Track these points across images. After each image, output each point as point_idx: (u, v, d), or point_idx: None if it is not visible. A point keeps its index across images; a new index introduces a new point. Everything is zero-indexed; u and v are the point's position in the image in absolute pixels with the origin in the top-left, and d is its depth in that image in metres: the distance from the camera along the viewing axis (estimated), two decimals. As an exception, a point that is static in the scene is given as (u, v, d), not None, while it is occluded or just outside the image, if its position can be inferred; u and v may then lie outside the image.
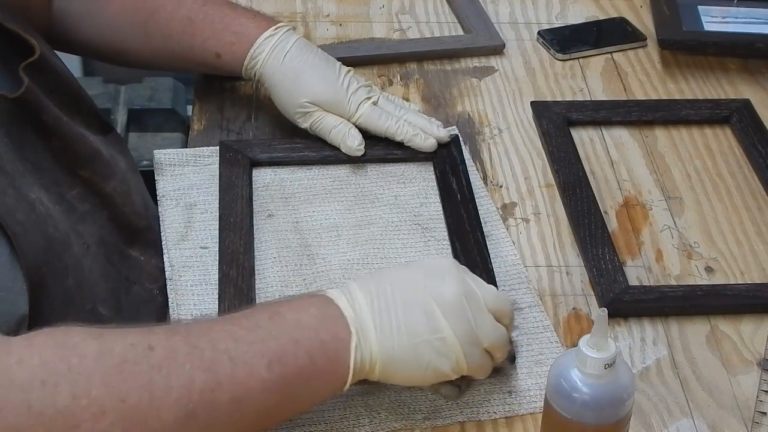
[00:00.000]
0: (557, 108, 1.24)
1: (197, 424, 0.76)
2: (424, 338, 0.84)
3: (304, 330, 0.81)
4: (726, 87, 1.31)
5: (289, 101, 1.13)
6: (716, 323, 1.00)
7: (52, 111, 0.99)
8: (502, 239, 1.07)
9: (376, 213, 1.10)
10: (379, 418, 0.90)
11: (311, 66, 1.13)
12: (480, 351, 0.86)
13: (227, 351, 0.78)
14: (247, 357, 0.78)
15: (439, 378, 0.86)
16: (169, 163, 1.15)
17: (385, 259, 1.05)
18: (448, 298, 0.84)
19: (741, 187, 1.16)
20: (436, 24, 1.41)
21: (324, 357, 0.82)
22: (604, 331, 0.78)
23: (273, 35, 1.14)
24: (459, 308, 0.84)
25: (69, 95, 1.06)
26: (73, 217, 0.98)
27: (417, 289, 0.85)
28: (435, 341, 0.84)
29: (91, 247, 0.98)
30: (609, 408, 0.80)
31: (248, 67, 1.14)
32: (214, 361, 0.77)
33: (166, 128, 2.25)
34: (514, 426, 0.91)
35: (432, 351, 0.84)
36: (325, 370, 0.82)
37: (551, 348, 0.97)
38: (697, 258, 1.07)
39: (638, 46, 1.38)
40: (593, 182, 1.15)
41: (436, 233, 1.08)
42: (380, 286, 0.85)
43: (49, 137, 0.98)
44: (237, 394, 0.77)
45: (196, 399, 0.76)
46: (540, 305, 1.01)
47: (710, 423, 0.91)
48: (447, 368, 0.85)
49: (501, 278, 1.02)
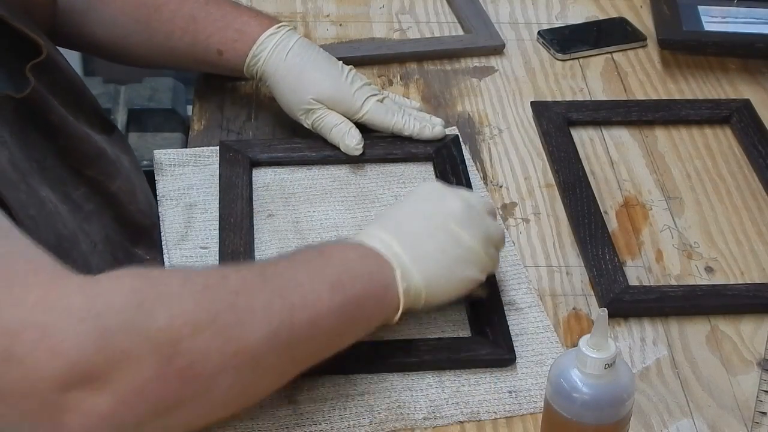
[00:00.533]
0: (557, 108, 1.24)
1: (280, 344, 0.81)
2: (453, 254, 0.91)
3: (352, 264, 0.88)
4: (726, 87, 1.31)
5: (293, 98, 1.13)
6: (716, 323, 1.00)
7: (58, 110, 0.99)
8: (503, 239, 1.08)
9: (376, 213, 1.10)
10: (380, 418, 0.90)
11: (314, 63, 1.13)
12: (494, 248, 0.95)
13: (294, 278, 0.83)
14: (314, 284, 0.84)
15: (473, 284, 0.94)
16: (169, 163, 1.15)
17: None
18: (458, 213, 0.93)
19: (741, 187, 1.16)
20: (436, 24, 1.41)
21: (376, 285, 0.88)
22: (604, 331, 0.78)
23: (275, 33, 1.14)
24: (468, 218, 0.93)
25: (74, 95, 1.06)
26: (79, 216, 0.98)
27: (428, 215, 0.93)
28: (462, 253, 0.92)
29: (98, 246, 0.99)
30: (609, 408, 0.80)
31: (250, 65, 1.14)
32: (284, 288, 0.82)
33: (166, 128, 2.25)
34: (514, 426, 0.91)
35: (463, 263, 0.92)
36: (379, 297, 0.89)
37: (551, 348, 0.97)
38: (697, 258, 1.07)
39: (638, 46, 1.38)
40: (593, 182, 1.15)
41: (436, 233, 1.08)
42: (396, 224, 0.92)
43: (55, 137, 0.98)
44: (311, 315, 0.82)
45: (277, 320, 0.80)
46: (540, 305, 1.01)
47: (710, 423, 0.91)
48: (477, 273, 0.93)
49: (501, 278, 1.02)
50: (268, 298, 0.81)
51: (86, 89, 1.10)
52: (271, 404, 0.91)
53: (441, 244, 0.91)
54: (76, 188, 0.99)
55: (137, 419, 0.75)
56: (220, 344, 0.77)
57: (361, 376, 0.94)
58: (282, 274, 0.83)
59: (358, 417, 0.90)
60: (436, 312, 0.98)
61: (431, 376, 0.94)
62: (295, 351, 0.83)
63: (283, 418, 0.90)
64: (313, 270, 0.85)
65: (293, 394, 0.92)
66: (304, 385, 0.92)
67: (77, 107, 1.05)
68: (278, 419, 0.90)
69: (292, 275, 0.84)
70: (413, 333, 0.97)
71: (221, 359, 0.77)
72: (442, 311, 0.99)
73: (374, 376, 0.94)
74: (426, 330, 0.98)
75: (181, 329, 0.75)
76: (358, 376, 0.94)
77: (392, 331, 0.96)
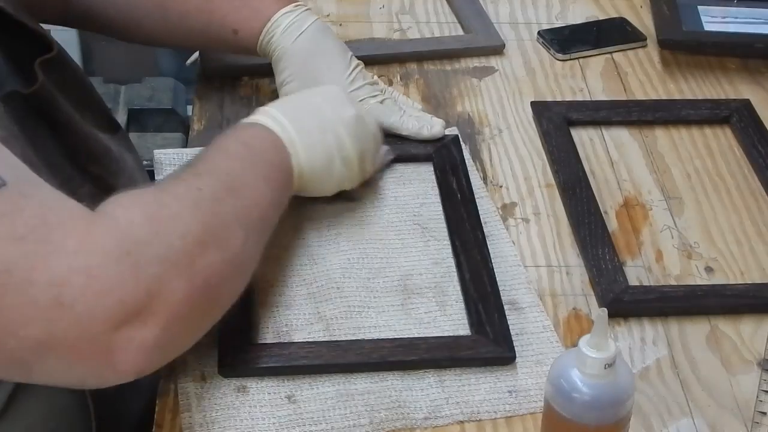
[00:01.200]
0: (557, 108, 1.24)
1: (251, 244, 0.90)
2: (335, 155, 1.01)
3: (268, 155, 0.97)
4: (726, 87, 1.31)
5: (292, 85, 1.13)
6: (716, 323, 1.00)
7: (65, 107, 1.00)
8: (503, 239, 1.07)
9: (376, 213, 1.10)
10: (380, 418, 0.90)
11: (322, 52, 1.12)
12: (369, 164, 1.06)
13: (241, 178, 0.92)
14: (256, 182, 0.93)
15: (340, 188, 1.05)
16: (169, 163, 1.15)
17: (385, 258, 1.04)
18: (349, 121, 1.02)
19: (741, 187, 1.16)
20: (436, 24, 1.41)
21: (285, 172, 0.99)
22: (604, 331, 0.78)
23: (291, 12, 1.13)
24: (355, 131, 1.03)
25: (81, 93, 1.06)
26: None
27: (325, 115, 1.02)
28: (341, 158, 1.02)
29: None
30: (609, 408, 0.80)
31: (263, 43, 1.14)
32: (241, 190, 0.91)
33: (166, 128, 2.25)
34: (514, 426, 0.91)
35: (340, 166, 1.02)
36: (287, 181, 0.99)
37: (551, 347, 0.97)
38: (697, 258, 1.07)
39: (638, 46, 1.38)
40: (593, 182, 1.15)
41: (436, 233, 1.08)
42: (297, 112, 1.01)
43: (62, 134, 0.99)
44: (260, 212, 0.93)
45: (245, 222, 0.89)
46: (540, 305, 1.01)
47: (710, 423, 0.91)
48: (347, 181, 1.05)
49: (501, 278, 1.02)
50: (236, 204, 0.89)
51: (93, 88, 1.11)
52: (271, 404, 0.91)
53: (327, 143, 1.01)
54: (81, 185, 0.99)
55: (178, 342, 0.83)
56: (220, 256, 0.85)
57: (362, 375, 0.94)
58: (233, 176, 0.91)
59: (359, 416, 0.90)
60: (436, 311, 0.99)
61: (432, 375, 0.94)
62: (257, 246, 0.92)
63: (282, 418, 0.90)
64: (249, 166, 0.94)
65: (293, 393, 0.92)
66: (304, 385, 0.92)
67: (84, 105, 1.05)
68: (278, 419, 0.90)
69: (239, 175, 0.92)
70: (413, 332, 0.98)
71: (223, 269, 0.85)
72: (443, 309, 0.99)
73: (375, 375, 0.94)
74: (426, 329, 0.98)
75: (193, 249, 0.82)
76: (359, 375, 0.94)
77: (389, 329, 0.97)
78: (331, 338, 0.96)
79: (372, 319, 0.98)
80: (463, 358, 0.94)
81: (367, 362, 0.94)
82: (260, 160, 0.96)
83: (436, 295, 1.01)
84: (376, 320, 0.98)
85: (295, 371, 0.93)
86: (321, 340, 0.96)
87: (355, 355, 0.94)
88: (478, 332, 0.97)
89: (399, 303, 1.00)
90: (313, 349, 0.94)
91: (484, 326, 0.97)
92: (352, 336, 0.97)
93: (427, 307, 1.00)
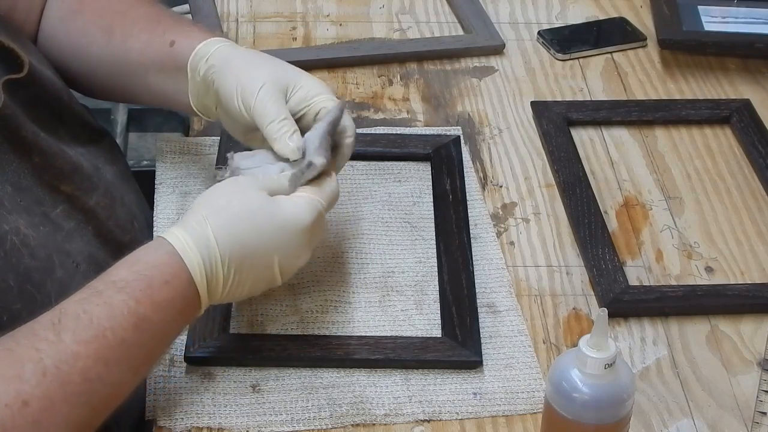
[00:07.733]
0: (557, 108, 1.24)
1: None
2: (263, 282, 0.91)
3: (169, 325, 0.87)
4: (726, 87, 1.31)
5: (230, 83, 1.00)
6: (716, 323, 1.00)
7: (30, 126, 0.96)
8: (490, 242, 1.07)
9: (367, 209, 1.10)
10: (341, 412, 0.91)
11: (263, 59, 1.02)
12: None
13: (99, 378, 0.81)
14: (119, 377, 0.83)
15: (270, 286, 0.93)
16: (170, 150, 1.16)
17: (372, 254, 1.05)
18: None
19: (741, 187, 1.16)
20: (436, 24, 1.41)
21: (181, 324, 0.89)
22: (604, 331, 0.78)
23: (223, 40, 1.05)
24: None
25: (54, 108, 1.03)
26: (60, 236, 0.95)
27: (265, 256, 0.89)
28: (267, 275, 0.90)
29: (81, 265, 0.96)
30: (609, 408, 0.80)
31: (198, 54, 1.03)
32: (89, 394, 0.81)
33: (166, 128, 2.24)
34: (514, 426, 0.91)
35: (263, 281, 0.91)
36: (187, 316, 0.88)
37: (523, 351, 0.97)
38: (697, 258, 1.07)
39: (638, 46, 1.38)
40: (593, 182, 1.15)
41: (424, 233, 1.08)
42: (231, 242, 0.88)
43: (29, 153, 0.96)
44: (111, 404, 0.83)
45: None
46: (518, 309, 1.01)
47: (710, 423, 0.91)
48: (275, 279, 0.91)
49: (482, 279, 1.03)
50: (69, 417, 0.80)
51: (72, 99, 1.06)
52: (235, 392, 0.92)
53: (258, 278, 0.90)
54: (54, 207, 0.97)
55: None
56: None
57: (328, 370, 0.94)
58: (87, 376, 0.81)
59: (320, 410, 0.91)
60: (413, 310, 1.00)
61: (398, 373, 0.95)
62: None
63: (244, 406, 0.91)
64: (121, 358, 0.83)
65: (258, 383, 0.93)
66: (270, 376, 0.93)
67: (57, 121, 1.02)
68: (240, 406, 0.91)
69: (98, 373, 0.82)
70: (386, 330, 0.98)
71: None
72: (419, 309, 1.00)
73: (341, 371, 0.94)
74: (399, 327, 0.99)
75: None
76: (326, 369, 0.94)
77: (364, 325, 0.98)
78: (302, 332, 0.97)
79: (347, 315, 0.99)
80: (428, 360, 0.95)
81: (331, 358, 0.95)
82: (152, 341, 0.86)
83: (415, 293, 1.02)
84: (351, 316, 0.99)
85: (259, 363, 0.94)
86: (292, 333, 0.97)
87: (321, 350, 0.95)
88: (448, 335, 0.97)
89: (377, 300, 1.01)
90: (280, 342, 0.95)
91: (455, 329, 0.97)
92: (326, 330, 0.97)
93: (404, 306, 1.01)
